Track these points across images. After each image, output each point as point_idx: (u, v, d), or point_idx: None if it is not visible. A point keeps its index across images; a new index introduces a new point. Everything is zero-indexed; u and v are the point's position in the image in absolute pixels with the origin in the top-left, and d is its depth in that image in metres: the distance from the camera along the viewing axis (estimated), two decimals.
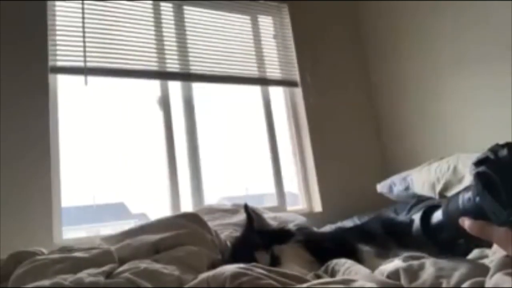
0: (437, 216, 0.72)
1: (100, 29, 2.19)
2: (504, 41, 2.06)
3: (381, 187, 2.32)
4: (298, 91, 2.72)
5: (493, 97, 2.16)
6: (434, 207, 0.74)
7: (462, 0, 2.29)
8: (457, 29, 2.35)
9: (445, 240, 0.72)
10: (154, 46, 2.33)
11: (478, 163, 0.58)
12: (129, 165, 2.28)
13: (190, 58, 2.41)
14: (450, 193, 1.94)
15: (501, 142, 0.58)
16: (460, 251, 0.73)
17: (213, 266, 1.02)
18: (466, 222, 0.62)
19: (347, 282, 0.71)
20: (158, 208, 2.27)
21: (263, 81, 2.67)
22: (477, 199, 0.58)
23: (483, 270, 0.66)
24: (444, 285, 0.67)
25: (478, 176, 0.57)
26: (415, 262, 0.75)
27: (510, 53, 2.04)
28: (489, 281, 0.60)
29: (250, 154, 2.64)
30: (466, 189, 0.62)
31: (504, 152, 0.56)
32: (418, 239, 0.77)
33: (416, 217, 0.77)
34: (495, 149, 0.57)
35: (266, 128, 2.65)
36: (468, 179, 1.79)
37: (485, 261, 0.77)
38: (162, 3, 2.42)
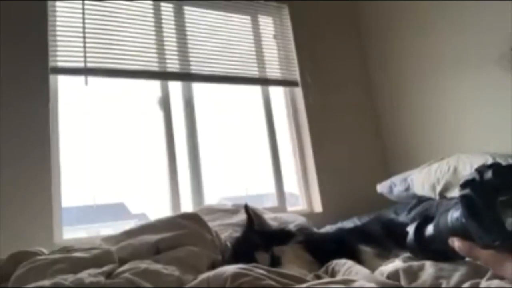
0: (430, 230, 0.74)
1: (101, 29, 2.19)
2: (504, 41, 2.06)
3: (381, 187, 2.32)
4: (298, 91, 2.72)
5: (493, 97, 2.16)
6: (428, 220, 0.76)
7: (462, 0, 2.29)
8: (457, 29, 2.35)
9: (436, 252, 0.74)
10: (155, 46, 2.33)
11: (464, 185, 0.58)
12: (129, 165, 2.28)
13: (190, 58, 2.41)
14: (450, 194, 1.94)
15: (501, 142, 0.58)
16: (453, 259, 0.74)
17: (213, 266, 1.02)
18: (455, 243, 0.63)
19: (347, 282, 0.71)
20: (158, 208, 2.27)
21: (263, 81, 2.67)
22: (463, 220, 0.59)
23: (483, 271, 0.66)
24: (443, 285, 0.67)
25: (462, 199, 0.58)
26: (415, 263, 0.75)
27: (510, 53, 2.04)
28: (485, 283, 0.61)
29: (250, 154, 2.64)
30: (456, 205, 0.63)
31: (489, 174, 0.56)
32: (412, 249, 0.80)
33: (410, 229, 0.79)
34: (481, 169, 0.57)
35: (266, 128, 2.65)
36: None
37: None
38: (162, 3, 2.42)
